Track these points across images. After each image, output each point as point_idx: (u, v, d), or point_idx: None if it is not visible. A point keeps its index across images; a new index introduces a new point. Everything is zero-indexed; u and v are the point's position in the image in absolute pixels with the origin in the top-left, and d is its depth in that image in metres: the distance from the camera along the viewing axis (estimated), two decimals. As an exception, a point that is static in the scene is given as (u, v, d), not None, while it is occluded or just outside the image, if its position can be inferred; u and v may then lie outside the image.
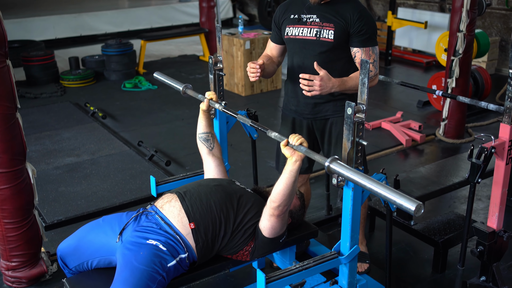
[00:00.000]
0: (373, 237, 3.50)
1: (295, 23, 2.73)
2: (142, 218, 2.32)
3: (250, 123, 2.40)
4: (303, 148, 2.06)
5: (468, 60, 4.78)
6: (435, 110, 5.88)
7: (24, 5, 11.05)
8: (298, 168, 2.13)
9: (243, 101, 6.35)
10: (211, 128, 2.75)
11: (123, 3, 12.34)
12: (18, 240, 2.88)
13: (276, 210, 2.21)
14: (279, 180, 2.18)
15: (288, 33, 2.76)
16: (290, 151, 2.11)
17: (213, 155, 2.70)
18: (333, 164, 1.90)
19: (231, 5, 11.66)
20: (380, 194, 1.72)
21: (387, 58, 7.87)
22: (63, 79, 7.14)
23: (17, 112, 2.74)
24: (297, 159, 2.11)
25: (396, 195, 1.67)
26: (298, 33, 2.71)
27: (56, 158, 4.76)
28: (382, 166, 4.20)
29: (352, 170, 1.85)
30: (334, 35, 2.62)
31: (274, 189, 2.19)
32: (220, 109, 2.59)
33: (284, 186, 2.15)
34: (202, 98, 2.69)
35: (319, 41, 2.66)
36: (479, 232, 2.66)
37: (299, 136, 2.10)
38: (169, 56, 8.88)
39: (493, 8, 7.55)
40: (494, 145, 2.47)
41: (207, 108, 2.69)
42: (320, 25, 2.65)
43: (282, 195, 2.17)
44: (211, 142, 2.71)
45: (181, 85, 2.87)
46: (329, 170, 1.92)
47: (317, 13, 2.68)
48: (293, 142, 2.09)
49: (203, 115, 2.72)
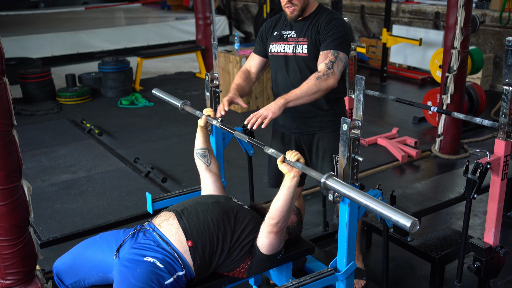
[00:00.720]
0: (370, 253, 3.49)
1: (277, 40, 2.78)
2: (139, 235, 2.31)
3: (247, 139, 2.40)
4: (300, 164, 2.07)
5: (463, 76, 4.81)
6: (431, 126, 5.91)
7: (21, 23, 11.10)
8: (296, 184, 2.14)
9: (239, 117, 6.36)
10: (209, 144, 2.76)
11: (120, 21, 12.42)
12: (13, 257, 2.84)
13: (275, 226, 2.21)
14: (277, 196, 2.18)
15: (271, 50, 2.81)
16: (287, 167, 2.12)
17: (210, 171, 2.71)
18: (329, 180, 1.90)
19: (227, 23, 11.74)
20: (376, 210, 1.73)
21: (383, 75, 7.92)
22: (60, 96, 7.15)
23: (14, 129, 2.73)
24: (294, 175, 2.12)
25: (392, 211, 1.68)
26: (279, 49, 2.76)
27: (52, 175, 4.75)
28: (378, 182, 4.21)
29: (348, 187, 1.85)
30: (308, 49, 2.67)
31: (272, 206, 2.19)
32: (218, 125, 2.60)
33: (282, 202, 2.15)
34: (200, 114, 2.70)
35: (296, 57, 2.71)
36: (476, 248, 2.66)
37: (296, 152, 2.11)
38: (165, 73, 8.92)
39: (487, 25, 7.63)
40: (489, 161, 2.48)
41: (205, 125, 2.70)
42: (296, 41, 2.71)
43: (280, 211, 2.17)
44: (209, 158, 2.72)
45: (180, 101, 2.88)
46: (325, 187, 1.92)
47: (295, 29, 2.73)
48: (290, 158, 2.09)
49: (201, 131, 2.73)
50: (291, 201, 2.16)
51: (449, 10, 4.65)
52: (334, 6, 7.46)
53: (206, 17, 8.45)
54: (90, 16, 12.31)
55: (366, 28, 9.64)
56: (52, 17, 12.06)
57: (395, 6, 8.89)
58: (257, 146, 2.33)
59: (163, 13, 12.93)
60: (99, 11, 12.92)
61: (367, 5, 9.48)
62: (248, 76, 2.90)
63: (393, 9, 8.84)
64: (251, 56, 2.97)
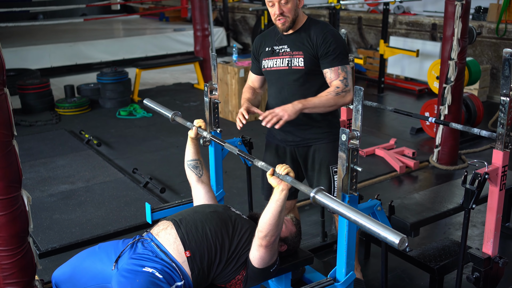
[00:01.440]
0: (369, 264, 3.49)
1: (269, 55, 2.81)
2: (138, 246, 2.31)
3: (237, 152, 2.41)
4: (289, 178, 2.06)
5: (460, 87, 4.84)
6: (428, 137, 5.93)
7: (20, 34, 11.13)
8: (285, 198, 2.13)
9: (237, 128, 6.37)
10: (199, 155, 2.77)
11: (119, 32, 12.47)
12: (12, 268, 2.84)
13: (264, 240, 2.19)
14: (265, 209, 2.17)
15: (264, 65, 2.84)
16: (277, 180, 2.12)
17: (202, 182, 2.71)
18: (318, 195, 1.88)
19: (225, 34, 11.80)
20: (365, 226, 1.71)
21: (380, 86, 7.95)
22: (58, 107, 7.17)
23: (14, 140, 2.74)
24: (283, 188, 2.12)
25: (380, 227, 1.67)
26: (273, 64, 2.79)
27: (51, 186, 4.74)
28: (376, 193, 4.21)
29: (337, 202, 1.83)
30: (304, 62, 2.69)
31: (261, 219, 2.18)
32: (208, 137, 2.62)
33: (271, 215, 2.14)
34: (191, 125, 2.71)
35: (291, 70, 2.73)
36: (474, 258, 2.66)
37: (286, 166, 2.11)
38: (163, 84, 8.94)
39: (484, 37, 7.68)
40: (487, 171, 2.49)
41: (195, 136, 2.71)
42: (290, 54, 2.73)
43: (269, 224, 2.15)
44: (200, 169, 2.73)
45: (170, 112, 2.90)
46: (314, 201, 1.89)
47: (288, 43, 2.75)
48: (280, 171, 2.09)
49: (192, 143, 2.75)
50: (279, 214, 2.15)
51: (446, 21, 4.69)
52: (332, 17, 7.53)
53: (204, 29, 8.50)
54: (89, 27, 12.35)
55: (363, 40, 9.70)
56: (51, 28, 12.10)
57: (392, 18, 8.95)
58: (247, 159, 2.33)
59: (161, 24, 12.99)
60: (98, 23, 12.96)
61: (364, 16, 9.55)
62: (254, 91, 2.96)
63: (390, 20, 8.90)
64: (250, 74, 3.02)
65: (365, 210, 2.21)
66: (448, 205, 3.37)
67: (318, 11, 10.37)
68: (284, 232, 2.50)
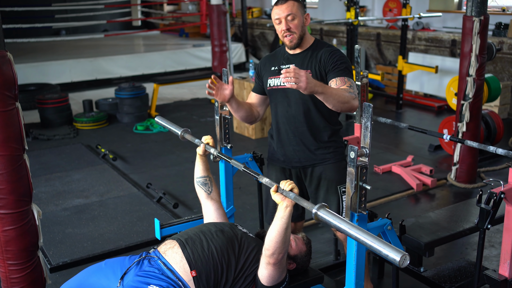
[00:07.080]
0: (382, 284, 3.42)
1: (275, 74, 2.79)
2: (144, 263, 2.29)
3: (243, 169, 2.39)
4: (292, 194, 2.04)
5: (478, 104, 4.76)
6: (447, 154, 5.83)
7: (42, 50, 11.35)
8: (290, 214, 2.10)
9: (253, 144, 6.36)
10: (209, 172, 2.76)
11: (139, 48, 12.62)
12: (21, 282, 2.84)
13: (271, 258, 2.18)
14: (271, 227, 2.15)
15: (270, 84, 2.81)
16: (281, 196, 2.09)
17: (211, 198, 2.70)
18: (320, 211, 1.85)
19: (244, 50, 11.85)
20: (366, 243, 1.69)
21: (398, 102, 7.88)
22: (76, 121, 7.24)
23: (25, 154, 2.76)
24: (287, 204, 2.09)
25: (381, 245, 1.64)
26: (279, 83, 2.76)
27: (65, 200, 4.77)
28: (392, 211, 4.14)
29: (339, 218, 1.80)
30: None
31: (267, 237, 2.17)
32: (215, 154, 2.60)
33: (276, 233, 2.12)
34: (199, 142, 2.71)
35: None
36: (490, 280, 2.59)
37: (290, 181, 2.09)
38: (181, 99, 8.99)
39: (504, 53, 7.58)
40: (503, 190, 2.43)
41: (203, 153, 2.70)
42: None
43: (275, 242, 2.13)
44: (209, 186, 2.71)
45: (180, 129, 2.90)
46: (316, 218, 1.87)
47: (295, 62, 2.74)
48: (284, 187, 2.07)
49: (200, 159, 2.74)
50: (285, 231, 2.12)
51: (464, 37, 4.63)
52: (350, 33, 7.51)
53: (222, 44, 8.54)
54: (110, 43, 12.54)
55: (382, 56, 9.65)
56: (73, 44, 12.31)
57: (411, 34, 8.90)
58: (252, 175, 2.30)
59: (181, 40, 13.12)
60: (119, 38, 13.16)
61: (383, 32, 9.51)
62: (251, 105, 2.93)
63: (409, 36, 8.85)
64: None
65: (374, 229, 2.17)
66: (464, 225, 3.29)
67: (337, 27, 10.36)
68: (294, 250, 2.47)
